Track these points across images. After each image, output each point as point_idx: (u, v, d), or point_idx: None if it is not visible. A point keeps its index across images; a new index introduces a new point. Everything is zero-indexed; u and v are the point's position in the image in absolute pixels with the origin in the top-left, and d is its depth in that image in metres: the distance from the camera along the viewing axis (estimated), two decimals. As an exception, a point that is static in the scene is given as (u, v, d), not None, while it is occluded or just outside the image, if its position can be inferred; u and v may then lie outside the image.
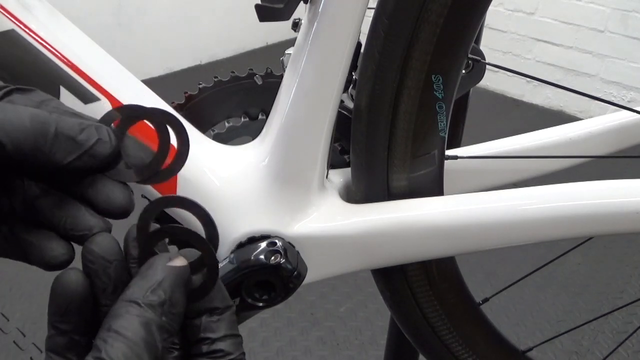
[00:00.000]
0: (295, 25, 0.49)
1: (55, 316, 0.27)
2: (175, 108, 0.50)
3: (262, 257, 0.45)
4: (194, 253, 0.29)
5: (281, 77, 0.49)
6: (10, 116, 0.24)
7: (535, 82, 2.63)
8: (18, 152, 0.24)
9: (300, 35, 0.46)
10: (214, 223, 0.30)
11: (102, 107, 0.43)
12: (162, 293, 0.26)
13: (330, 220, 0.48)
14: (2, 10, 0.39)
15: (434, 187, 0.50)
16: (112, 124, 0.29)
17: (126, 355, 0.24)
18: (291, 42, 0.47)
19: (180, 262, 0.28)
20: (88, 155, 0.26)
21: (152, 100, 0.47)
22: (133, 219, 0.29)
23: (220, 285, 0.31)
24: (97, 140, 0.27)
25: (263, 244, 0.46)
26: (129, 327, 0.25)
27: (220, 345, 0.29)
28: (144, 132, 0.45)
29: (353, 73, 0.49)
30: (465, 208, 0.47)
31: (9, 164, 0.25)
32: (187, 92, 0.52)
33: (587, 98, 1.60)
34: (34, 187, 0.28)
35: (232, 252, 0.46)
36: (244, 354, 0.30)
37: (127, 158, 0.29)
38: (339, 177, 0.54)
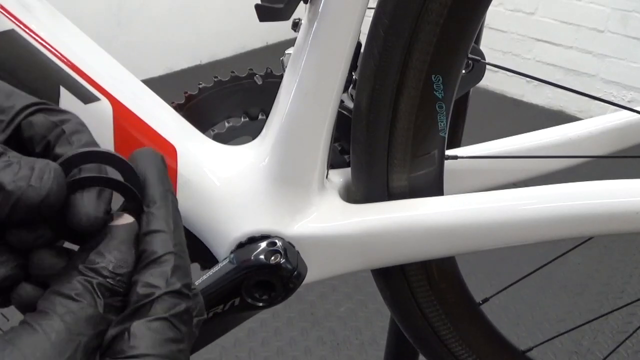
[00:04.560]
0: (295, 25, 0.49)
1: None
2: (175, 108, 0.50)
3: (262, 257, 0.45)
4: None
5: (281, 77, 0.49)
6: None
7: (535, 82, 2.63)
8: None
9: (300, 35, 0.46)
10: (136, 175, 0.27)
11: (102, 107, 0.43)
12: (103, 256, 0.25)
13: (330, 220, 0.48)
14: (2, 10, 0.39)
15: (434, 187, 0.50)
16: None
17: (67, 317, 0.23)
18: (291, 42, 0.47)
19: (123, 220, 0.26)
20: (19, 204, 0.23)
21: (152, 100, 0.47)
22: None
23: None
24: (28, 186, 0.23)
25: (263, 244, 0.46)
26: (69, 286, 0.24)
27: (145, 244, 0.26)
28: (139, 129, 0.45)
29: (353, 73, 0.49)
30: (465, 208, 0.47)
31: None
32: (187, 92, 0.52)
33: (587, 98, 1.60)
34: None
35: (232, 252, 0.46)
36: (175, 252, 0.26)
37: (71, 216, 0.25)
38: (339, 177, 0.54)
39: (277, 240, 0.46)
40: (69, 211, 0.25)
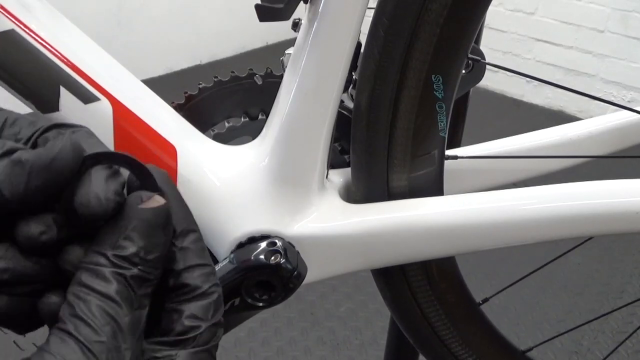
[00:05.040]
0: (295, 25, 0.49)
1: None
2: (175, 108, 0.50)
3: (262, 257, 0.45)
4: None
5: (281, 77, 0.49)
6: None
7: (535, 82, 2.63)
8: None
9: (300, 35, 0.46)
10: (148, 171, 0.26)
11: (102, 107, 0.43)
12: (133, 241, 0.24)
13: (330, 220, 0.48)
14: (2, 10, 0.39)
15: (434, 187, 0.50)
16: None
17: (101, 309, 0.23)
18: (291, 42, 0.47)
19: (154, 202, 0.25)
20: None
21: (152, 100, 0.47)
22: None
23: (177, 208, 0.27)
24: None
25: (263, 244, 0.46)
26: (101, 281, 0.23)
27: (186, 278, 0.26)
28: (139, 129, 0.45)
29: (353, 73, 0.49)
30: (465, 208, 0.47)
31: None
32: (187, 92, 0.52)
33: (587, 98, 1.60)
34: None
35: (232, 252, 0.46)
36: (217, 285, 0.27)
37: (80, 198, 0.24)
38: (339, 177, 0.54)
39: (277, 240, 0.46)
40: (76, 192, 0.24)
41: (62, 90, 0.41)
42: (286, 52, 0.50)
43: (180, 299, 0.26)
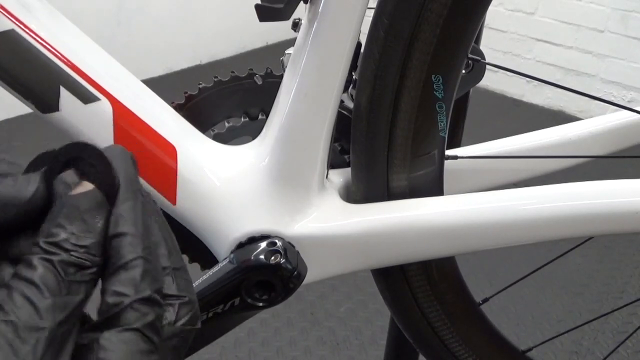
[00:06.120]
0: (295, 25, 0.49)
1: None
2: (175, 108, 0.50)
3: (262, 257, 0.45)
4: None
5: (281, 77, 0.49)
6: None
7: (535, 82, 2.63)
8: None
9: (300, 35, 0.46)
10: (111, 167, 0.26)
11: (102, 107, 0.43)
12: (64, 227, 0.23)
13: (330, 220, 0.48)
14: (2, 10, 0.39)
15: (434, 187, 0.50)
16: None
17: (20, 293, 0.22)
18: (291, 42, 0.47)
19: (82, 187, 0.24)
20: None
21: (152, 100, 0.47)
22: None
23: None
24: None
25: (263, 244, 0.46)
26: (28, 268, 0.23)
27: (110, 248, 0.24)
28: (139, 129, 0.45)
29: (353, 73, 0.49)
30: (465, 208, 0.47)
31: None
32: (187, 92, 0.52)
33: (587, 98, 1.60)
34: None
35: (232, 252, 0.46)
36: (144, 258, 0.24)
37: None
38: (339, 177, 0.54)
39: (277, 240, 0.46)
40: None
41: (62, 90, 0.41)
42: (286, 52, 0.50)
43: (106, 274, 0.24)
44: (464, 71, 0.52)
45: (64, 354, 0.23)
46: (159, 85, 2.25)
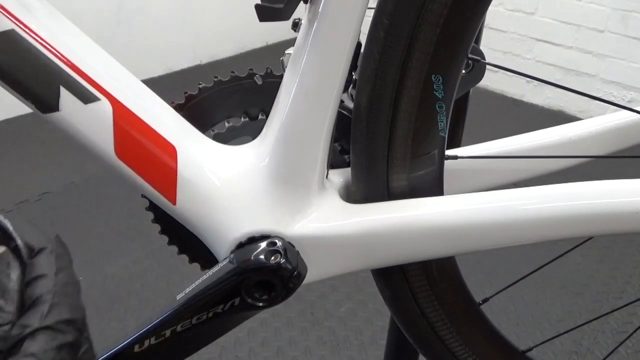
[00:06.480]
0: (295, 25, 0.49)
1: None
2: (175, 108, 0.50)
3: (262, 257, 0.45)
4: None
5: (281, 77, 0.49)
6: None
7: (535, 82, 2.63)
8: None
9: (300, 35, 0.46)
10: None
11: (102, 107, 0.43)
12: None
13: (330, 220, 0.48)
14: (2, 10, 0.39)
15: (434, 187, 0.50)
16: None
17: None
18: (291, 42, 0.47)
19: None
20: None
21: (152, 100, 0.47)
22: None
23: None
24: None
25: (263, 244, 0.46)
26: None
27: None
28: (139, 129, 0.45)
29: (353, 73, 0.49)
30: (465, 208, 0.47)
31: None
32: (187, 92, 0.52)
33: (587, 98, 1.60)
34: None
35: (232, 252, 0.46)
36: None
37: None
38: (339, 177, 0.54)
39: (277, 240, 0.46)
40: None
41: (62, 90, 0.41)
42: (286, 52, 0.50)
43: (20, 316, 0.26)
44: (464, 71, 0.52)
45: None
46: (159, 85, 2.26)
